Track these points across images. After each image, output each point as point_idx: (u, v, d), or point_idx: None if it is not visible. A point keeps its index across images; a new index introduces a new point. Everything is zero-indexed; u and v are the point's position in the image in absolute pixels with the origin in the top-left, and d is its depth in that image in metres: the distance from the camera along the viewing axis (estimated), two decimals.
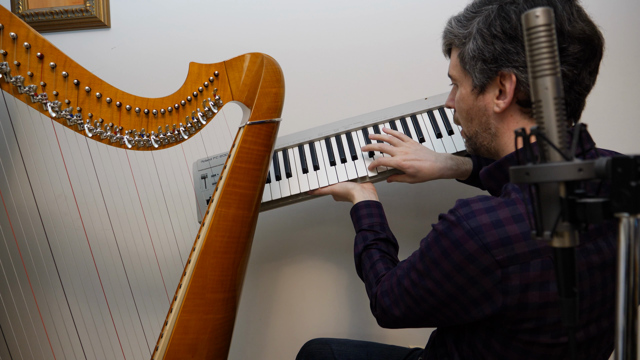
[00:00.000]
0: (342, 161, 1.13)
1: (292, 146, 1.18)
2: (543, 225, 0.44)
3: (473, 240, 0.65)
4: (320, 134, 1.17)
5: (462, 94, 0.82)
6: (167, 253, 1.39)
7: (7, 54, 0.82)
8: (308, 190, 1.12)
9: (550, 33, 0.43)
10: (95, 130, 0.91)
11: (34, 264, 1.43)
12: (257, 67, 1.03)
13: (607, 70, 1.31)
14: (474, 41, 0.76)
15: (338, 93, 1.41)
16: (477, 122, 0.81)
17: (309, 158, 1.15)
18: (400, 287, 0.78)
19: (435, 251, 0.70)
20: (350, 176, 1.10)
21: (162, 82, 1.39)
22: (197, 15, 1.45)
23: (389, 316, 0.82)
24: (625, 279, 0.40)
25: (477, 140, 0.83)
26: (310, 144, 1.18)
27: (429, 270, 0.72)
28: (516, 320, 0.67)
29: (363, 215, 1.01)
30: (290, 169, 1.15)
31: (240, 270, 1.00)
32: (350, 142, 1.15)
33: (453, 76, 0.84)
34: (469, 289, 0.68)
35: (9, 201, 1.43)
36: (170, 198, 1.36)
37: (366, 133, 1.15)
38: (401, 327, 0.83)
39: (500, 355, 0.70)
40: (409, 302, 0.77)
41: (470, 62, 0.77)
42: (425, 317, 0.77)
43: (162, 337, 0.94)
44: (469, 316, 0.71)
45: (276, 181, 1.14)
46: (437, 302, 0.73)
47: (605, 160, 0.39)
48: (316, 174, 1.12)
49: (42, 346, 1.47)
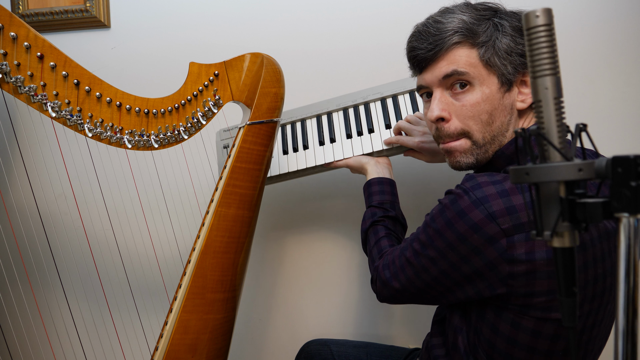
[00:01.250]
0: (359, 134, 1.11)
1: (311, 117, 1.16)
2: (543, 225, 0.44)
3: (478, 209, 0.66)
4: (338, 104, 1.15)
5: (486, 94, 0.76)
6: (167, 253, 1.38)
7: (7, 54, 0.82)
8: (324, 163, 1.12)
9: (550, 33, 0.43)
10: (95, 130, 0.91)
11: (34, 264, 1.43)
12: (257, 67, 1.03)
13: (607, 71, 1.32)
14: (504, 36, 0.75)
15: (338, 93, 1.41)
16: (498, 124, 0.77)
17: (326, 130, 1.14)
18: (401, 258, 0.78)
19: (440, 222, 0.70)
20: (365, 150, 1.08)
21: (162, 82, 1.39)
22: (197, 15, 1.45)
23: (389, 289, 0.81)
24: (625, 279, 0.40)
25: (492, 146, 0.78)
26: (328, 115, 1.16)
27: (432, 240, 0.72)
28: (525, 294, 0.66)
29: (374, 192, 0.99)
30: (307, 141, 1.14)
31: (240, 270, 1.00)
32: (368, 114, 1.13)
33: (469, 75, 0.76)
34: (472, 259, 0.68)
35: (9, 201, 1.43)
36: (170, 198, 1.36)
37: (384, 104, 1.13)
38: (399, 301, 0.83)
39: (509, 338, 0.69)
40: (410, 273, 0.77)
41: (505, 55, 0.75)
42: (425, 290, 0.76)
43: (162, 337, 0.94)
44: (473, 288, 0.70)
45: (293, 153, 1.14)
46: (439, 271, 0.72)
47: (605, 160, 0.39)
48: (332, 147, 1.11)
49: (42, 346, 1.47)
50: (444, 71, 0.77)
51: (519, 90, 0.78)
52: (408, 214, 1.05)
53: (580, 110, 1.30)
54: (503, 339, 0.70)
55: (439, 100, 0.79)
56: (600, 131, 1.28)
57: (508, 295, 0.67)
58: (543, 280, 0.64)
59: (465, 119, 0.77)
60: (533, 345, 0.68)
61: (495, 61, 0.75)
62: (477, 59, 0.76)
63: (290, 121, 1.18)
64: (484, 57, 0.75)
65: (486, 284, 0.68)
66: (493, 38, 0.76)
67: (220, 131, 1.23)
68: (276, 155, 1.14)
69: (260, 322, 1.47)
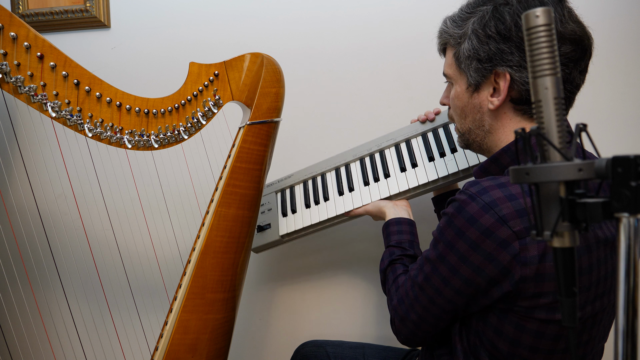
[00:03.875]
0: (376, 180, 1.13)
1: (330, 170, 1.21)
2: (543, 225, 0.44)
3: (488, 214, 0.65)
4: (354, 155, 1.19)
5: (457, 92, 0.83)
6: (167, 253, 1.39)
7: (7, 54, 0.82)
8: (344, 212, 1.13)
9: (550, 33, 0.43)
10: (95, 130, 0.91)
11: (34, 264, 1.43)
12: (257, 67, 1.03)
13: (607, 71, 1.31)
14: (469, 41, 0.77)
15: (338, 93, 1.41)
16: (471, 119, 0.83)
17: (344, 180, 1.17)
18: (414, 287, 0.77)
19: (449, 233, 0.69)
20: (383, 194, 1.11)
21: (162, 82, 1.39)
22: (197, 15, 1.44)
23: (407, 324, 0.80)
24: (625, 279, 0.40)
25: (470, 136, 0.85)
26: (346, 166, 1.20)
27: (443, 257, 0.71)
28: (533, 295, 0.66)
29: (392, 232, 0.99)
30: (327, 192, 1.17)
31: (240, 270, 1.00)
32: (383, 160, 1.15)
33: (448, 74, 0.86)
34: (485, 268, 0.67)
35: (9, 201, 1.43)
36: (170, 198, 1.36)
37: (398, 149, 1.16)
38: (420, 337, 0.80)
39: (512, 340, 0.69)
40: (424, 301, 0.75)
41: (466, 61, 0.79)
42: (441, 316, 0.75)
43: (162, 337, 0.94)
44: (487, 298, 0.69)
45: (315, 205, 1.17)
46: (453, 292, 0.71)
47: (605, 160, 0.39)
48: (351, 196, 1.14)
49: (42, 346, 1.47)
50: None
51: (492, 91, 0.78)
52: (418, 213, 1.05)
53: (580, 110, 1.30)
54: (507, 341, 0.70)
55: (446, 90, 0.92)
56: (600, 131, 1.28)
57: (515, 297, 0.67)
58: (550, 282, 0.65)
59: (451, 109, 0.88)
60: (536, 346, 0.69)
61: (461, 64, 0.80)
62: (452, 60, 0.83)
63: (311, 176, 1.22)
64: (455, 58, 0.82)
65: (499, 291, 0.68)
66: (461, 42, 0.79)
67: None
68: (299, 210, 1.18)
69: (260, 322, 1.47)
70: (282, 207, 1.21)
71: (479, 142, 0.84)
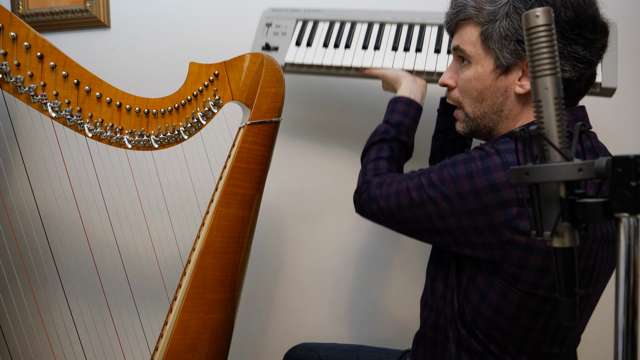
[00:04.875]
0: (405, 50, 1.05)
1: (363, 22, 1.12)
2: (543, 225, 0.44)
3: (504, 172, 0.66)
4: (394, 18, 1.11)
5: (479, 73, 0.78)
6: (167, 253, 1.38)
7: (7, 54, 0.82)
8: (360, 67, 1.07)
9: (550, 33, 0.43)
10: (95, 130, 0.91)
11: (34, 264, 1.43)
12: (257, 67, 1.03)
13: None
14: (508, 20, 0.73)
15: (338, 93, 1.41)
16: (489, 103, 0.79)
17: (373, 37, 1.09)
18: (401, 185, 0.78)
19: (460, 170, 0.70)
20: (407, 66, 1.04)
21: (162, 82, 1.39)
22: (197, 15, 1.44)
23: (373, 205, 0.82)
24: (625, 279, 0.40)
25: (482, 121, 0.81)
26: (381, 25, 1.11)
27: (444, 184, 0.72)
28: (519, 264, 0.67)
29: (398, 110, 0.95)
30: (351, 41, 1.10)
31: (240, 270, 1.00)
32: (422, 35, 1.07)
33: (467, 52, 0.79)
34: (477, 215, 0.68)
35: (9, 201, 1.43)
36: (170, 198, 1.36)
37: (440, 31, 1.08)
38: (377, 220, 0.83)
39: (496, 307, 0.71)
40: (403, 201, 0.76)
41: (502, 41, 0.74)
42: (411, 222, 0.77)
43: (162, 337, 0.94)
44: (465, 240, 0.71)
45: (333, 48, 1.10)
46: (436, 212, 0.72)
47: (605, 160, 0.39)
48: (374, 54, 1.06)
49: (42, 346, 1.47)
50: (453, 44, 0.83)
51: (521, 75, 0.76)
52: None
53: None
54: (490, 307, 0.72)
55: (450, 69, 0.86)
56: (600, 131, 1.28)
57: (502, 260, 0.68)
58: (538, 257, 0.66)
59: (461, 91, 0.83)
60: (516, 318, 0.71)
61: (492, 43, 0.75)
62: (477, 37, 0.77)
63: (341, 19, 1.13)
64: (483, 36, 0.76)
65: (482, 242, 0.69)
66: (496, 20, 0.74)
67: (269, 10, 1.21)
68: (315, 45, 1.10)
69: (260, 322, 1.47)
70: (299, 36, 1.14)
71: (491, 128, 0.81)
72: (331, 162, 1.42)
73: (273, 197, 1.42)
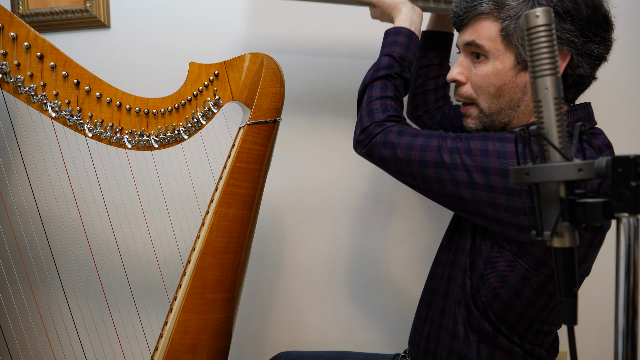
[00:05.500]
0: None
1: None
2: (543, 225, 0.44)
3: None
4: None
5: (498, 69, 0.77)
6: (167, 253, 1.38)
7: (7, 54, 0.82)
8: None
9: (550, 33, 0.43)
10: (95, 130, 0.91)
11: (34, 264, 1.43)
12: (257, 67, 1.03)
13: (608, 70, 1.31)
14: None
15: (339, 92, 1.41)
16: (507, 99, 0.78)
17: None
18: (429, 140, 0.75)
19: (492, 146, 0.69)
20: None
21: (162, 82, 1.39)
22: (197, 15, 1.44)
23: (386, 151, 0.78)
24: (625, 279, 0.40)
25: (498, 117, 0.80)
26: None
27: (469, 153, 0.70)
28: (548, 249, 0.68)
29: (400, 43, 0.89)
30: None
31: (240, 270, 1.00)
32: None
33: (485, 48, 0.77)
34: (497, 193, 0.68)
35: (9, 201, 1.43)
36: (170, 198, 1.36)
37: None
38: (383, 166, 0.81)
39: (515, 289, 0.72)
40: (430, 158, 0.74)
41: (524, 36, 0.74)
42: (430, 181, 0.74)
43: (162, 337, 0.94)
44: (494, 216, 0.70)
45: None
46: (451, 178, 0.71)
47: (605, 160, 0.39)
48: None
49: (42, 346, 1.47)
50: (466, 39, 0.80)
51: None
52: (417, 214, 1.05)
53: None
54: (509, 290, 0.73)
55: (459, 64, 0.82)
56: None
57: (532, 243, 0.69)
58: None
59: (475, 87, 0.80)
60: (519, 290, 0.72)
61: (514, 39, 0.74)
62: (497, 33, 0.76)
63: None
64: (504, 32, 0.75)
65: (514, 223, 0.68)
66: (518, 15, 0.73)
67: None
68: None
69: (260, 322, 1.47)
70: None
71: (506, 123, 0.80)
72: (331, 162, 1.42)
73: (273, 197, 1.42)
